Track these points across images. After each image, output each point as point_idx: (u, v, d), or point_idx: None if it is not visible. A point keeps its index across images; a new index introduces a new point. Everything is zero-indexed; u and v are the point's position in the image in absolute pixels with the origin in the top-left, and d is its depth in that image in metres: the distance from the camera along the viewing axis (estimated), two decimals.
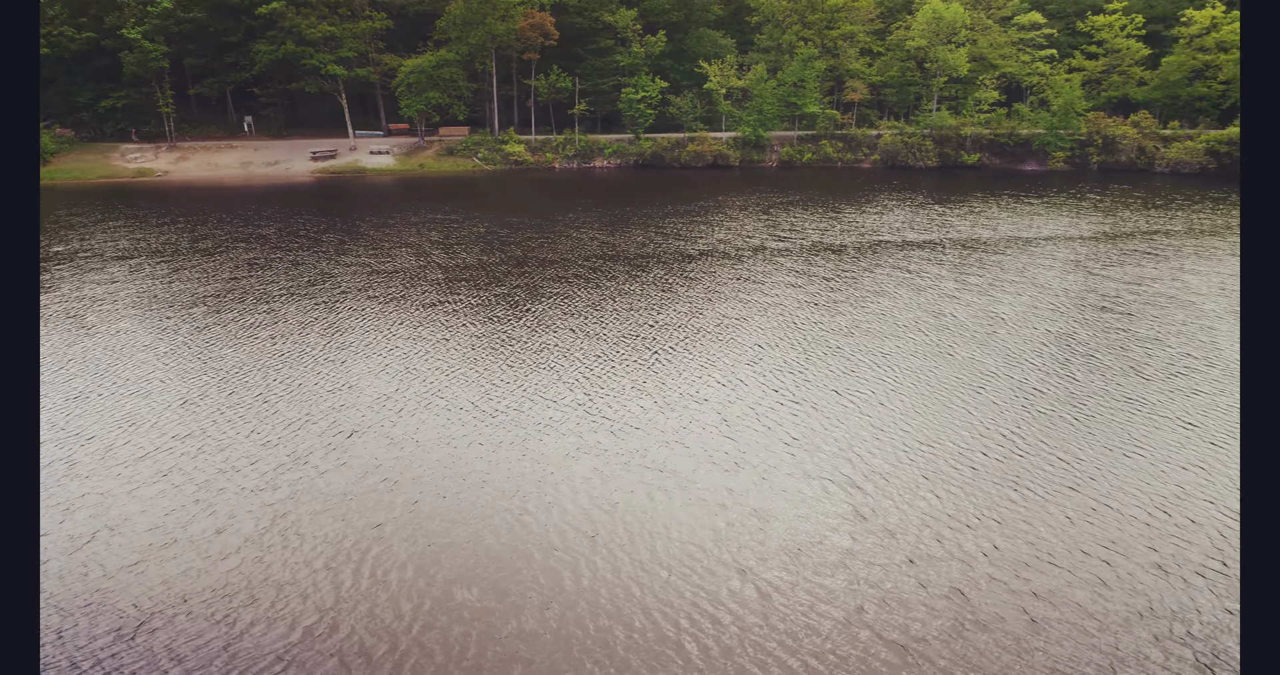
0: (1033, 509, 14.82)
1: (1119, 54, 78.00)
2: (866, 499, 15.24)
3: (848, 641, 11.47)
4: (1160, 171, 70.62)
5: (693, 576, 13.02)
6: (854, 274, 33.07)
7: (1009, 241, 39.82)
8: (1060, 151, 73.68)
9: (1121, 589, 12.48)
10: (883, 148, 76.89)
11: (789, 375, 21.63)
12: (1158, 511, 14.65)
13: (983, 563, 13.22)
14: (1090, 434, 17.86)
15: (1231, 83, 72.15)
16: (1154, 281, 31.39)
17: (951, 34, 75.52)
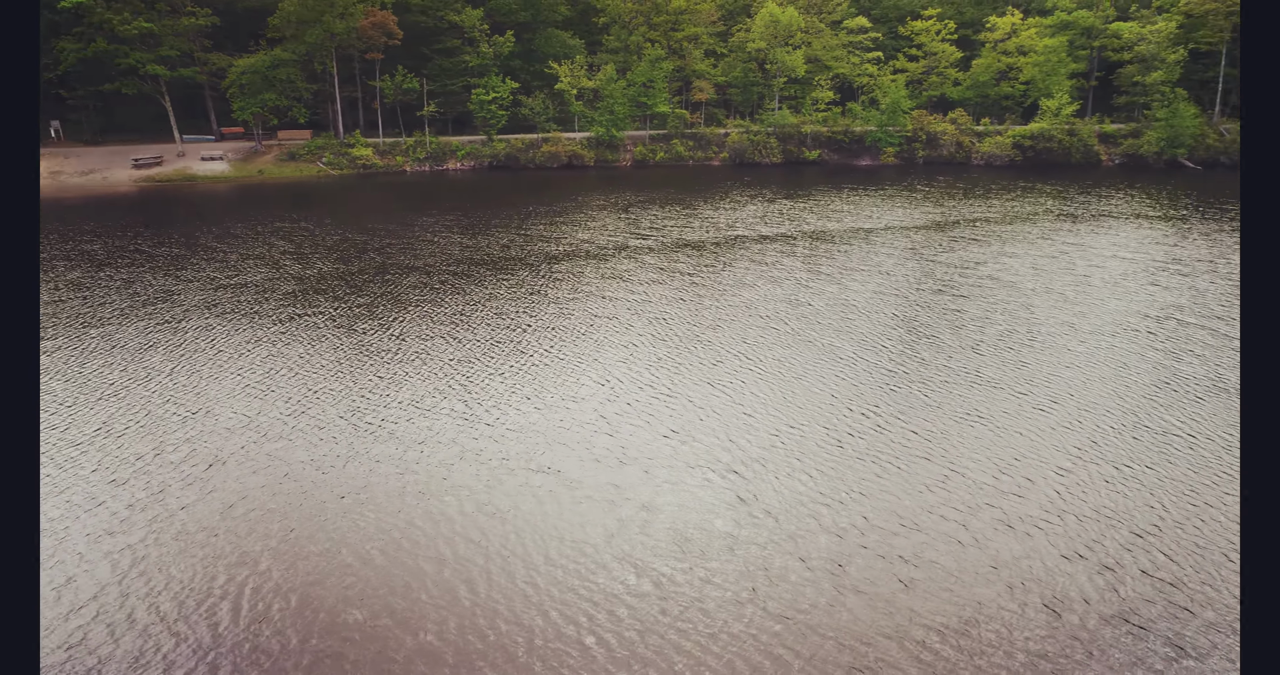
0: (894, 481, 16.03)
1: (936, 56, 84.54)
2: (746, 484, 15.97)
3: (738, 620, 12.03)
4: (976, 164, 77.21)
5: (588, 575, 13.23)
6: (715, 269, 34.26)
7: (853, 232, 42.45)
8: (891, 147, 79.04)
9: (975, 547, 13.77)
10: (731, 146, 79.72)
11: (662, 370, 22.22)
12: (1000, 474, 16.22)
13: (854, 535, 14.19)
14: (939, 408, 19.47)
15: (1031, 83, 79.78)
16: (980, 265, 34.43)
17: (788, 36, 79.31)
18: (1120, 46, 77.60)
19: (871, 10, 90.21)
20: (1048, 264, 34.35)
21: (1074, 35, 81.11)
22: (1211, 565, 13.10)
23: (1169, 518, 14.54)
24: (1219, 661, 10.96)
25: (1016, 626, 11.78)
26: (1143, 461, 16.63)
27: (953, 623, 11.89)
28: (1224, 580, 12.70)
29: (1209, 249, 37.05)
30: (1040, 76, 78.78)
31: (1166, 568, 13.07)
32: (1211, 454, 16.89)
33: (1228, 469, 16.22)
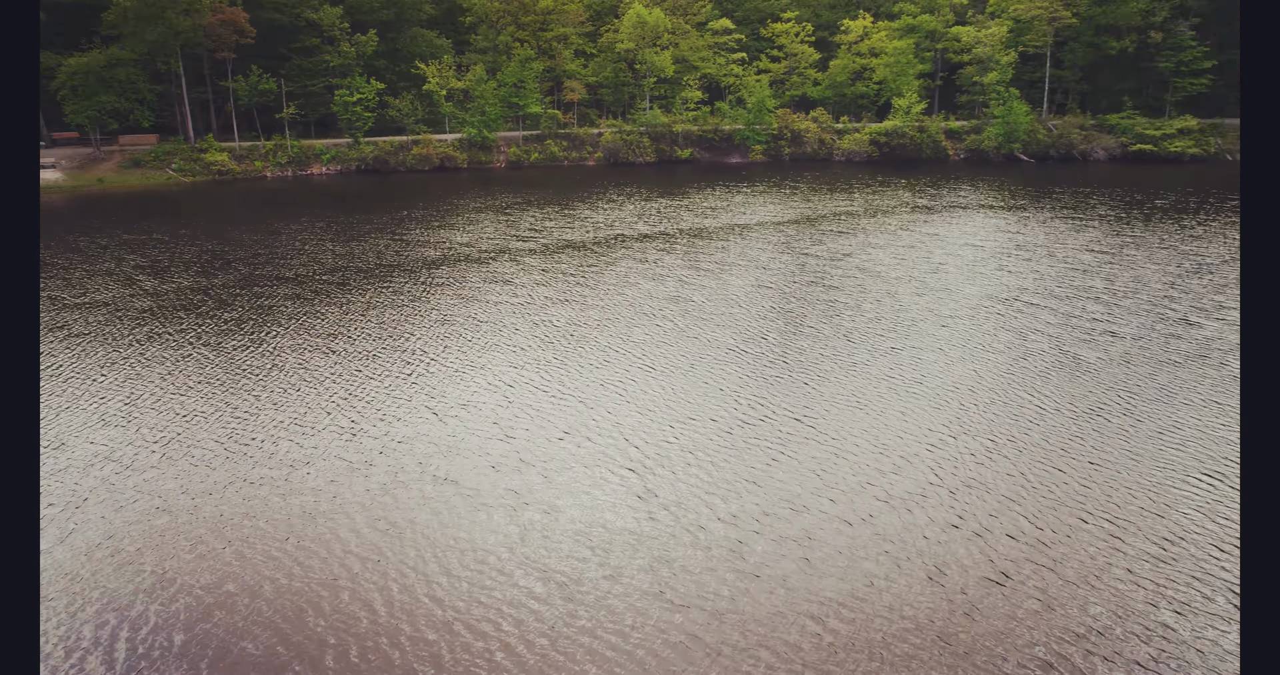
0: (784, 466, 16.71)
1: (796, 57, 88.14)
2: (644, 480, 16.23)
3: (645, 615, 12.25)
4: (838, 160, 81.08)
5: (492, 585, 13.11)
6: (598, 268, 34.48)
7: (729, 228, 43.71)
8: (759, 145, 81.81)
9: (863, 524, 14.56)
10: (605, 145, 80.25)
11: (552, 372, 22.21)
12: (880, 454, 17.20)
13: (750, 521, 14.71)
14: (820, 394, 20.41)
15: (884, 83, 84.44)
16: (848, 256, 36.24)
17: (656, 37, 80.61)
18: (960, 49, 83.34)
19: (734, 12, 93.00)
20: (908, 253, 36.55)
21: (919, 38, 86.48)
22: (1069, 525, 14.39)
23: (1029, 484, 15.85)
24: (1078, 611, 12.08)
25: (903, 595, 12.56)
26: (1003, 434, 18.04)
27: (846, 597, 12.54)
28: (1081, 538, 13.99)
29: (1046, 235, 40.45)
30: (891, 77, 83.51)
31: (1030, 531, 14.26)
32: (1060, 423, 18.52)
33: (1075, 436, 17.84)
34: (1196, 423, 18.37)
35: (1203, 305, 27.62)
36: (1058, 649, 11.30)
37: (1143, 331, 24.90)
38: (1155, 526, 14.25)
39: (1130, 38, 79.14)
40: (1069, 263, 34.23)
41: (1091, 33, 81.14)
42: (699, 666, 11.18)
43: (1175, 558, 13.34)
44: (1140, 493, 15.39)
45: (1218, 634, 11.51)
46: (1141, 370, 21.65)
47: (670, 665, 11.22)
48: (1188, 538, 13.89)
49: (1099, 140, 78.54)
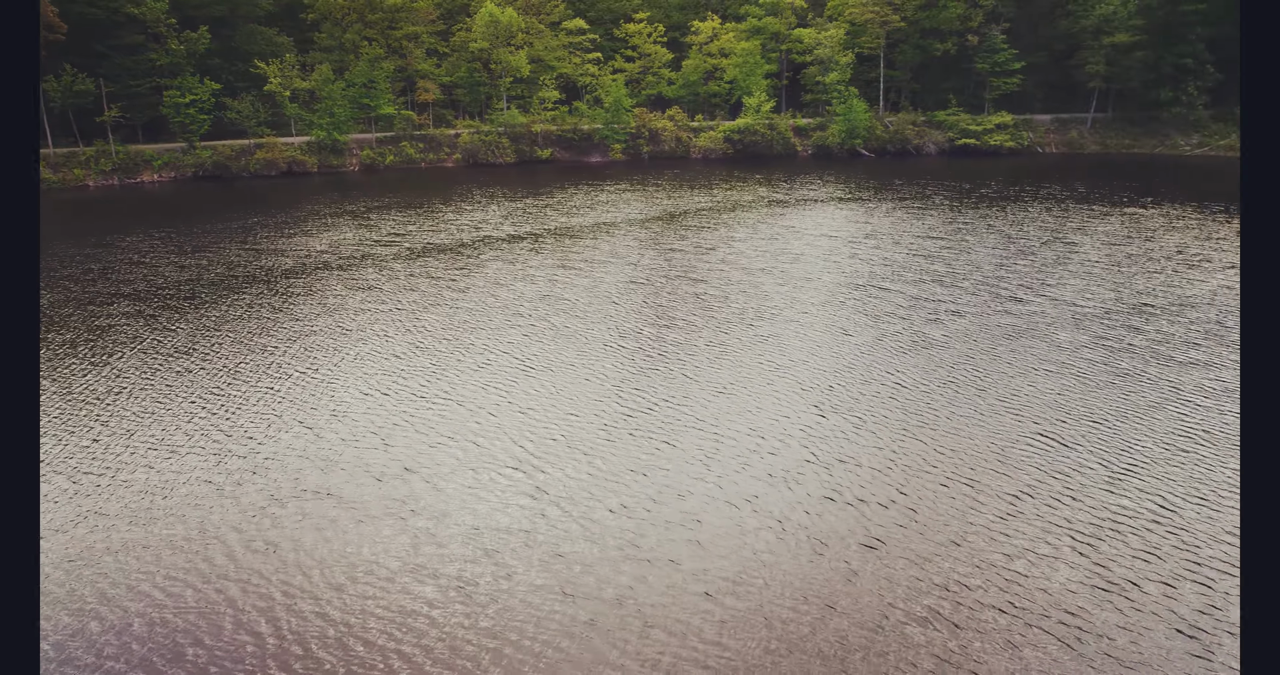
0: (670, 455, 17.16)
1: (650, 57, 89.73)
2: (533, 478, 16.24)
3: (542, 611, 12.32)
4: (695, 158, 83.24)
5: (385, 596, 12.78)
6: (466, 271, 33.93)
7: (595, 227, 44.07)
8: (618, 144, 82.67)
9: (749, 503, 15.21)
10: (463, 147, 78.79)
11: (429, 377, 21.74)
12: (760, 437, 17.98)
13: (641, 511, 15.04)
14: (698, 383, 21.05)
15: (735, 82, 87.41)
16: (712, 250, 37.42)
17: (510, 37, 79.87)
18: (803, 50, 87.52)
19: (588, 13, 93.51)
20: (768, 245, 38.17)
21: (765, 39, 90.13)
22: (933, 491, 15.60)
23: (895, 456, 17.05)
24: (946, 568, 13.16)
25: (789, 567, 13.25)
26: (868, 411, 19.28)
27: (736, 574, 13.09)
28: (944, 501, 15.20)
29: (891, 224, 43.30)
30: (741, 76, 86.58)
31: (900, 499, 15.37)
32: (917, 397, 19.99)
33: (931, 408, 19.31)
34: (1031, 389, 20.31)
35: (1029, 284, 30.47)
36: (930, 604, 12.28)
37: (980, 310, 27.20)
38: (1004, 485, 15.70)
39: (952, 41, 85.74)
40: (913, 249, 36.82)
41: (918, 36, 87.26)
42: (599, 653, 11.38)
43: (1022, 512, 14.76)
44: (990, 456, 16.89)
45: (1064, 577, 12.87)
46: (982, 345, 23.67)
47: (571, 656, 11.36)
48: (1033, 493, 15.39)
49: (930, 135, 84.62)
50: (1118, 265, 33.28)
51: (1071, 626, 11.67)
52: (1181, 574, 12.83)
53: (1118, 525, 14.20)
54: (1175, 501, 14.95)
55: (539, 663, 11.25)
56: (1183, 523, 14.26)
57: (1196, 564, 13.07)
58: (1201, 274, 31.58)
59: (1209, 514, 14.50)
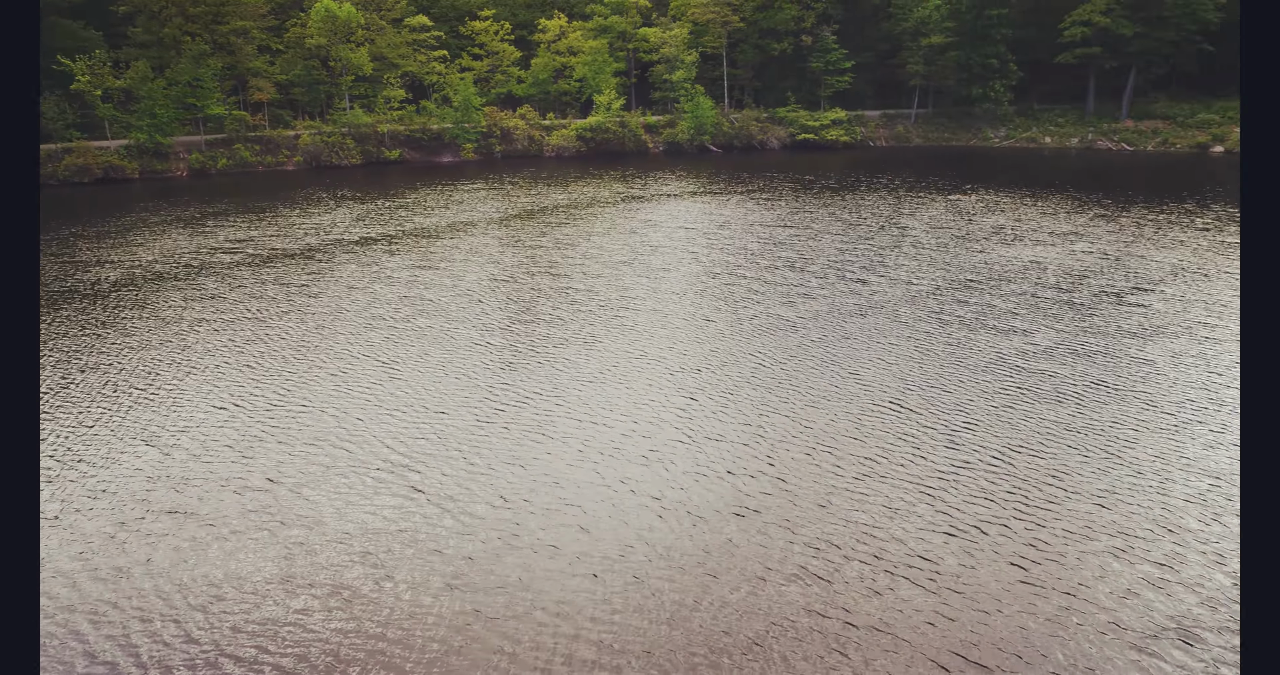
0: (544, 445, 17.26)
1: (498, 55, 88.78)
2: (409, 478, 15.90)
3: (424, 608, 12.16)
4: (549, 156, 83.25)
5: (257, 611, 12.18)
6: (319, 276, 32.51)
7: (454, 226, 43.28)
8: (469, 143, 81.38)
9: (626, 485, 15.55)
10: (304, 149, 75.12)
11: (284, 385, 20.76)
12: (631, 423, 18.39)
13: (520, 503, 15.07)
14: (569, 374, 21.23)
15: (584, 80, 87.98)
16: (573, 245, 37.68)
17: (349, 33, 76.74)
18: (649, 48, 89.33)
19: (431, 9, 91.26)
20: (627, 239, 38.85)
21: (612, 38, 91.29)
22: (799, 460, 16.53)
23: (761, 430, 17.92)
24: (815, 530, 14.02)
25: (670, 542, 13.71)
26: (732, 391, 20.13)
27: (618, 554, 13.41)
28: (809, 470, 16.14)
29: (743, 215, 45.11)
30: (590, 74, 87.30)
31: (769, 469, 16.19)
32: (776, 374, 21.06)
33: (789, 383, 20.40)
34: (877, 362, 21.87)
35: (870, 266, 32.66)
36: (802, 563, 13.07)
37: (829, 291, 28.92)
38: (860, 450, 16.87)
39: (788, 41, 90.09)
40: (764, 237, 38.55)
41: (757, 36, 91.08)
42: (484, 641, 11.39)
43: (877, 472, 15.93)
44: (846, 424, 18.08)
45: (916, 527, 14.03)
46: (832, 324, 25.21)
47: (456, 647, 11.30)
48: (886, 455, 16.63)
49: (773, 131, 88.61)
50: (944, 246, 36.25)
51: (925, 570, 12.77)
52: (1014, 515, 14.28)
53: (959, 477, 15.61)
54: (1006, 453, 16.59)
55: (423, 657, 11.11)
56: (1013, 470, 15.86)
57: (1026, 505, 14.59)
58: (1015, 250, 34.95)
59: (1034, 461, 16.20)
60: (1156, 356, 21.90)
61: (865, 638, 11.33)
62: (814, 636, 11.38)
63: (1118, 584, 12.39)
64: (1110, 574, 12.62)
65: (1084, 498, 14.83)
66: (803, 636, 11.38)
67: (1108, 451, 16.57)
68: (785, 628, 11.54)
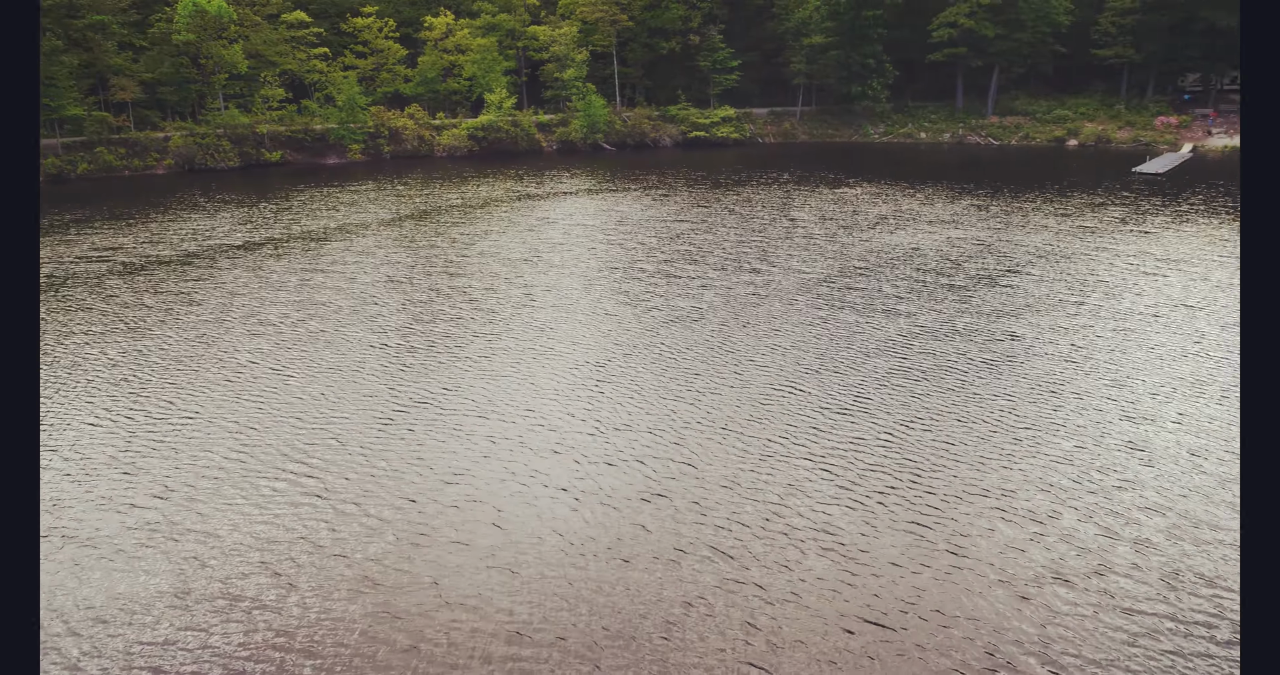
0: (449, 445, 17.02)
1: (383, 53, 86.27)
2: (311, 485, 15.38)
3: (330, 615, 11.84)
4: (440, 156, 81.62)
5: (149, 631, 11.54)
6: (200, 282, 30.87)
7: (343, 228, 41.89)
8: (356, 144, 78.85)
9: (533, 480, 15.53)
10: (176, 151, 71.04)
11: (169, 395, 19.66)
12: (538, 416, 18.36)
13: (428, 502, 14.82)
14: (471, 372, 20.98)
15: (474, 79, 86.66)
16: (470, 244, 37.16)
17: (221, 29, 72.91)
18: (539, 47, 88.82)
19: (309, 5, 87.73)
20: (525, 236, 38.63)
21: (501, 36, 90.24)
22: (705, 443, 16.90)
23: (668, 416, 18.24)
24: (725, 509, 14.40)
25: (583, 531, 13.80)
26: (638, 381, 20.38)
27: (529, 545, 13.40)
28: (716, 451, 16.54)
29: (641, 211, 45.57)
30: (480, 73, 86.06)
31: (678, 454, 16.50)
32: (680, 362, 21.45)
33: (694, 371, 20.83)
34: (775, 347, 22.60)
35: (763, 257, 33.64)
36: (713, 542, 13.42)
37: (726, 282, 29.62)
38: (763, 432, 17.41)
39: (676, 40, 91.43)
40: (661, 232, 39.09)
41: (646, 35, 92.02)
42: (392, 642, 11.20)
43: (779, 451, 16.50)
44: (749, 408, 18.62)
45: (817, 501, 14.62)
46: (730, 313, 25.86)
47: (364, 652, 11.08)
48: (788, 436, 17.23)
49: (665, 129, 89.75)
50: (833, 236, 37.73)
51: (829, 540, 13.35)
52: (907, 484, 15.10)
53: (855, 453, 16.35)
54: (897, 427, 17.49)
55: (331, 665, 10.82)
56: (903, 443, 16.74)
57: (917, 475, 15.44)
58: (898, 238, 36.73)
59: (923, 434, 17.15)
60: (1026, 332, 23.52)
61: (776, 609, 11.76)
62: (728, 612, 11.72)
63: (1001, 539, 13.31)
64: (995, 531, 13.54)
65: (969, 464, 15.82)
66: (716, 613, 11.70)
67: (987, 421, 17.72)
68: (699, 606, 11.83)
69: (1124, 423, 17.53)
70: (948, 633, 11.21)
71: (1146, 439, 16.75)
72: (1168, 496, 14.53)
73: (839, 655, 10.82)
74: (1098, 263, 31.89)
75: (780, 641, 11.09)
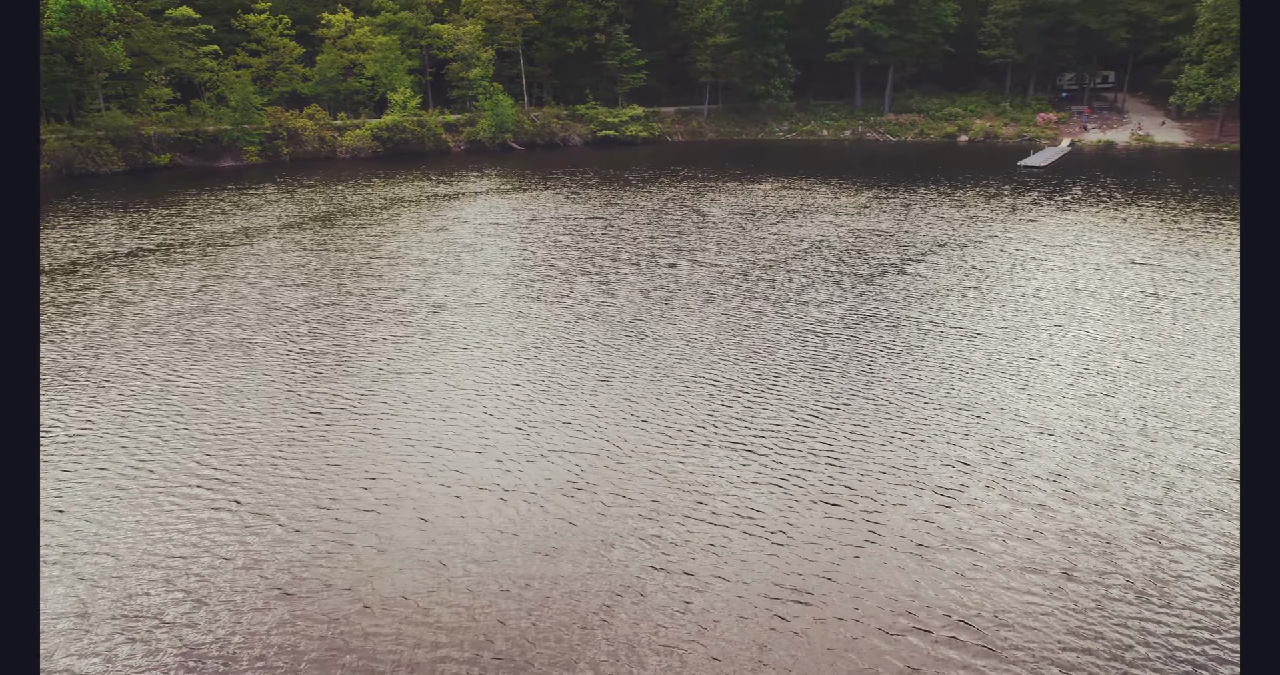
0: (366, 445, 16.60)
1: (279, 51, 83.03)
2: (226, 494, 14.75)
3: (241, 626, 11.43)
4: (343, 158, 79.18)
5: (49, 655, 10.87)
6: (86, 292, 29.08)
7: (243, 233, 40.18)
8: (252, 146, 75.63)
9: (456, 480, 15.32)
10: (53, 155, 66.59)
11: (57, 409, 18.48)
12: (457, 414, 18.10)
13: (347, 505, 14.44)
14: (385, 373, 20.49)
15: (376, 78, 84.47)
16: (381, 245, 36.24)
17: (99, 25, 68.72)
18: (444, 46, 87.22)
19: (196, 1, 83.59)
20: (437, 237, 37.94)
21: (403, 34, 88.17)
22: (628, 436, 17.01)
23: (590, 411, 18.27)
24: (645, 496, 14.55)
25: (510, 526, 13.71)
26: (559, 376, 20.34)
27: (457, 543, 13.23)
28: (639, 444, 16.66)
29: (555, 209, 45.40)
30: (383, 72, 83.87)
31: (601, 447, 16.56)
32: (601, 358, 21.52)
33: (617, 366, 20.93)
34: (691, 338, 22.93)
35: (677, 251, 34.04)
36: (639, 529, 13.53)
37: (641, 276, 29.85)
38: (685, 420, 17.65)
39: (583, 39, 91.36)
40: (575, 230, 39.06)
41: (552, 34, 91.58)
42: (304, 651, 10.90)
43: (701, 439, 16.77)
44: (670, 398, 18.85)
45: (740, 484, 14.93)
46: (647, 306, 26.08)
47: (270, 661, 10.74)
48: (709, 424, 17.52)
49: (574, 128, 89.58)
50: (743, 230, 38.51)
51: (752, 520, 13.67)
52: (824, 464, 15.60)
53: (774, 436, 16.78)
54: (813, 411, 18.03)
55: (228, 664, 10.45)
56: (820, 424, 17.27)
57: (833, 454, 15.97)
58: (806, 231, 37.79)
59: (835, 416, 17.73)
60: (928, 316, 24.60)
61: (705, 588, 11.98)
62: (657, 596, 11.86)
63: (913, 510, 13.92)
64: (907, 502, 14.15)
65: (880, 443, 16.46)
66: (647, 597, 11.83)
67: (895, 402, 18.47)
68: (630, 593, 11.93)
69: (1020, 398, 18.57)
70: (865, 601, 11.66)
71: (1040, 412, 17.80)
72: (1061, 464, 15.48)
73: (765, 632, 11.11)
74: (990, 250, 33.60)
75: (709, 622, 11.31)
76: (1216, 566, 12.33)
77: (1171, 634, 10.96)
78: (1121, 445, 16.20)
